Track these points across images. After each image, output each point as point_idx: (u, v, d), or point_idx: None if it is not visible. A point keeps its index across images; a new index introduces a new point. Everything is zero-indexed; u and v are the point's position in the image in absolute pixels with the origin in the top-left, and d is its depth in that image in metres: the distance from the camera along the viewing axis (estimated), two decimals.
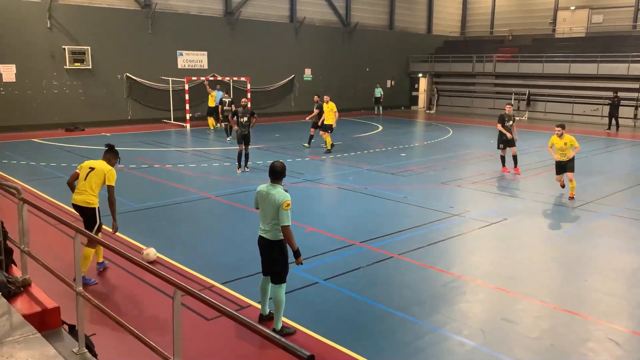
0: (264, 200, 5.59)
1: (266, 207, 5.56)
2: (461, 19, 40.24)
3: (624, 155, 19.02)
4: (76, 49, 22.21)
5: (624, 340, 5.73)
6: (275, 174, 5.63)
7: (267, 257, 5.71)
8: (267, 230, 5.60)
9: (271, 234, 5.58)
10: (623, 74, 27.17)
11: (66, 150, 17.18)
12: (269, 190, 5.56)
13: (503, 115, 14.42)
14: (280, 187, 5.58)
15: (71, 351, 3.94)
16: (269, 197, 5.51)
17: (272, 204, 5.47)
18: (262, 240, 5.69)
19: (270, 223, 5.54)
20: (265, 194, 5.58)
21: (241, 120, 13.89)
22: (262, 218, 5.65)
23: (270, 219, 5.52)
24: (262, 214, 5.66)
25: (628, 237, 9.36)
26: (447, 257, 8.22)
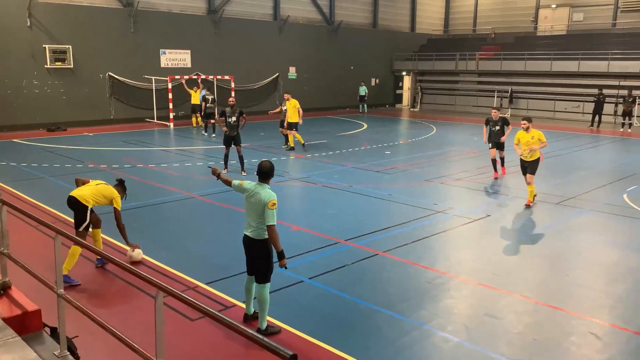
0: (249, 199, 5.56)
1: (252, 205, 5.53)
2: (444, 17, 40.47)
3: (605, 152, 19.29)
4: (57, 48, 21.93)
5: (604, 333, 5.82)
6: (262, 173, 5.60)
7: (252, 256, 5.69)
8: (251, 229, 5.58)
9: (256, 232, 5.56)
10: (604, 72, 27.54)
11: (48, 151, 16.97)
12: (256, 189, 5.54)
13: (488, 119, 13.91)
14: (268, 187, 5.56)
15: (53, 354, 3.90)
16: (255, 196, 5.49)
17: (257, 203, 5.45)
18: (246, 239, 5.67)
19: (256, 222, 5.52)
20: (252, 193, 5.55)
21: (229, 121, 13.26)
22: (247, 216, 5.63)
23: (256, 217, 5.50)
24: (247, 212, 5.64)
25: (608, 232, 9.50)
26: (431, 254, 8.27)
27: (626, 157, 17.92)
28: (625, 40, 29.06)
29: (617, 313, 6.33)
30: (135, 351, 3.29)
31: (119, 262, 3.53)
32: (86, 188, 7.20)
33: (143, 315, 5.98)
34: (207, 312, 2.82)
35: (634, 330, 5.85)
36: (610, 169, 15.40)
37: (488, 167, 15.29)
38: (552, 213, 10.68)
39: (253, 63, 28.40)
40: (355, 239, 8.74)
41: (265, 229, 5.49)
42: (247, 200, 5.60)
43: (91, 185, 7.30)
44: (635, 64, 26.47)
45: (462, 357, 5.31)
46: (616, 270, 7.71)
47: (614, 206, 11.07)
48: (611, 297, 6.76)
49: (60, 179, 12.85)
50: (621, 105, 25.49)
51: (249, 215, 5.59)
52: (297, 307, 6.32)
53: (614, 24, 31.73)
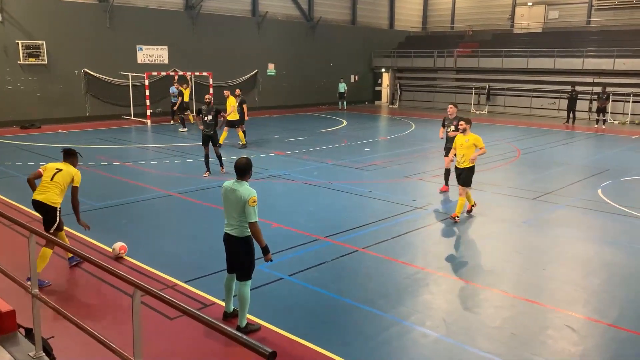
0: (228, 197, 5.51)
1: (231, 203, 5.48)
2: (422, 14, 40.70)
3: (580, 148, 19.63)
4: (30, 43, 21.48)
5: (580, 326, 5.92)
6: (239, 170, 5.55)
7: (233, 253, 5.64)
8: (232, 226, 5.52)
9: (237, 230, 5.51)
10: (578, 68, 28.00)
11: (21, 149, 16.63)
12: (235, 186, 5.48)
13: (445, 118, 12.05)
14: (247, 184, 5.51)
15: (28, 355, 3.83)
16: (234, 194, 5.43)
17: (237, 201, 5.40)
18: (227, 237, 5.61)
19: (236, 219, 5.47)
20: (230, 190, 5.50)
21: (205, 119, 12.86)
22: (227, 215, 5.57)
23: (236, 215, 5.45)
24: (226, 210, 5.58)
25: (584, 227, 9.68)
26: (410, 250, 8.32)
27: (600, 152, 18.27)
28: (600, 38, 29.59)
29: (593, 306, 6.45)
30: (113, 351, 3.24)
31: (95, 261, 3.47)
32: (48, 187, 6.75)
33: (120, 314, 5.91)
34: (186, 310, 2.79)
35: (609, 323, 5.96)
36: (585, 165, 15.68)
37: None
38: (529, 208, 10.83)
39: (231, 59, 28.21)
40: (335, 235, 8.75)
41: (246, 226, 5.45)
42: (226, 198, 5.54)
43: (50, 183, 6.76)
44: (609, 61, 26.97)
45: (441, 351, 5.35)
46: (591, 264, 7.86)
47: (588, 201, 11.28)
48: (586, 291, 6.89)
49: None
50: (595, 102, 25.96)
51: (229, 213, 5.53)
52: (276, 304, 6.31)
53: (589, 21, 32.29)
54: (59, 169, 6.86)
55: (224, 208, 5.61)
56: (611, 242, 8.75)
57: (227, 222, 5.58)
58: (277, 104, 30.75)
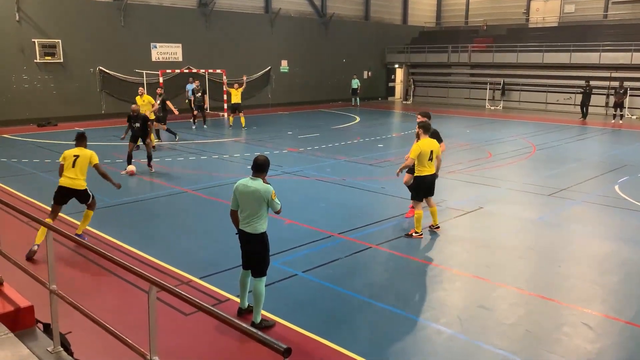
0: (244, 194, 5.50)
1: (247, 200, 5.48)
2: (436, 9, 40.43)
3: (596, 143, 19.39)
4: (46, 42, 21.72)
5: (596, 324, 5.86)
6: (258, 166, 5.58)
7: (249, 250, 5.66)
8: (248, 223, 5.53)
9: (251, 227, 5.52)
10: (595, 63, 27.63)
11: (38, 146, 16.85)
12: (250, 184, 5.50)
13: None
14: (261, 180, 5.54)
15: (46, 350, 3.89)
16: (251, 191, 5.44)
17: (255, 198, 5.43)
18: (243, 234, 5.62)
19: (253, 216, 5.49)
20: (246, 188, 5.51)
21: (133, 126, 13.32)
22: (243, 212, 5.57)
23: (253, 212, 5.48)
24: (242, 208, 5.57)
25: (600, 223, 9.56)
26: (424, 247, 8.30)
27: (617, 148, 18.03)
28: (617, 32, 29.16)
29: (609, 304, 6.38)
30: (129, 346, 3.28)
31: (111, 258, 3.51)
32: (73, 174, 7.68)
33: (137, 310, 5.97)
34: (201, 306, 2.81)
35: (626, 321, 5.90)
36: (602, 161, 15.48)
37: (481, 159, 15.34)
38: (544, 205, 10.73)
39: (245, 56, 28.27)
40: (348, 232, 8.74)
41: (263, 223, 5.53)
42: (242, 195, 5.54)
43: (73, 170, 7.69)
44: (626, 55, 26.57)
45: (455, 348, 5.33)
46: (608, 261, 7.77)
47: (605, 197, 11.14)
48: (603, 288, 6.81)
49: (52, 174, 12.76)
50: (612, 97, 25.61)
51: (245, 211, 5.54)
52: (291, 300, 6.33)
53: (605, 15, 31.82)
54: (76, 155, 7.77)
55: (240, 206, 5.60)
56: (629, 239, 8.63)
57: (242, 219, 5.58)
58: (290, 101, 30.76)
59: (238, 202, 5.59)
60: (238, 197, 5.58)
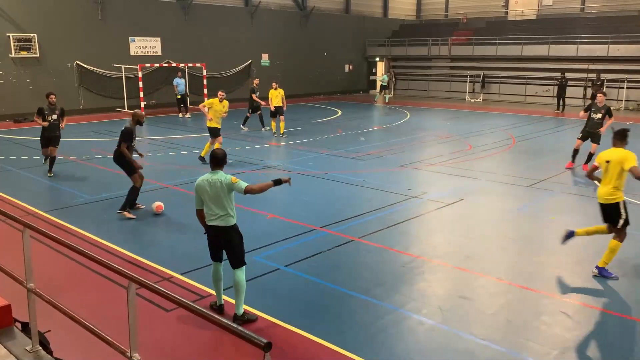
0: (208, 189, 5.52)
1: (213, 193, 5.51)
2: (416, 2, 40.53)
3: (575, 135, 19.59)
4: (22, 36, 21.31)
5: (574, 312, 5.97)
6: (218, 160, 5.66)
7: (227, 243, 5.65)
8: (218, 217, 5.54)
9: (224, 220, 5.54)
10: (572, 55, 27.98)
11: (14, 142, 16.55)
12: (213, 178, 5.55)
13: (591, 104, 10.72)
14: (222, 172, 5.62)
15: (24, 349, 3.84)
16: (214, 184, 5.51)
17: (219, 188, 5.49)
18: (216, 229, 5.60)
19: (222, 209, 5.52)
20: (208, 183, 5.54)
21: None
22: (210, 209, 5.56)
23: (220, 204, 5.51)
24: (208, 205, 5.56)
25: (578, 213, 9.72)
26: (406, 239, 8.35)
27: None
28: (593, 25, 29.56)
29: (587, 292, 6.50)
30: (109, 343, 3.26)
31: (90, 255, 3.47)
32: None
33: (117, 307, 5.91)
34: (180, 302, 2.79)
35: (603, 309, 6.01)
36: (580, 151, 15.67)
37: (461, 151, 15.47)
38: (524, 196, 10.86)
39: (225, 50, 28.06)
40: (331, 225, 8.76)
41: (232, 214, 5.58)
42: (205, 192, 5.54)
43: None
44: (603, 47, 26.95)
45: (436, 339, 5.39)
46: (585, 251, 7.90)
47: (584, 188, 11.31)
48: (581, 277, 6.93)
49: (28, 171, 12.56)
50: (590, 89, 25.96)
51: (212, 206, 5.53)
52: (272, 294, 6.33)
53: (583, 8, 32.22)
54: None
55: (206, 204, 5.58)
56: None
57: (210, 216, 5.57)
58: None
59: (202, 200, 5.62)
60: (203, 195, 5.58)
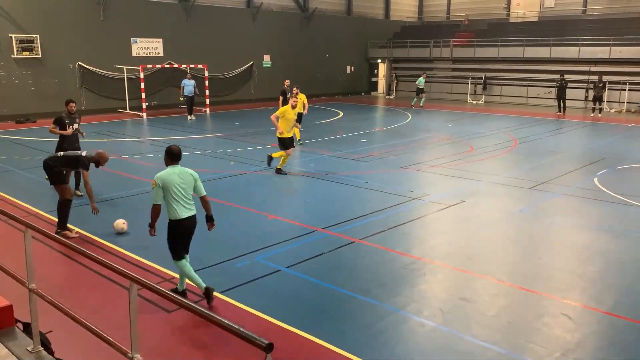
0: (179, 181, 5.85)
1: (186, 185, 5.90)
2: (418, 4, 40.54)
3: (576, 137, 19.65)
4: (24, 37, 21.35)
5: (576, 314, 5.96)
6: (178, 155, 5.99)
7: (191, 232, 6.09)
8: (191, 207, 5.97)
9: (193, 209, 5.99)
10: (574, 57, 27.97)
11: (17, 143, 16.58)
12: (178, 171, 5.91)
13: None
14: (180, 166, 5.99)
15: (26, 350, 3.84)
16: (185, 175, 5.91)
17: (190, 180, 5.93)
18: (192, 220, 5.99)
19: (191, 198, 5.96)
20: (178, 175, 5.88)
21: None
22: (182, 198, 5.87)
23: (188, 195, 5.93)
24: (180, 197, 5.86)
25: (579, 215, 9.71)
26: (407, 240, 8.35)
27: (596, 141, 18.29)
28: (595, 27, 29.53)
29: (589, 294, 6.49)
30: (110, 344, 3.26)
31: (92, 255, 3.48)
32: None
33: (118, 308, 5.92)
34: (182, 303, 2.80)
35: (605, 311, 6.00)
36: (582, 153, 15.70)
37: (463, 153, 15.50)
38: (525, 197, 10.85)
39: (227, 51, 28.09)
40: (332, 227, 8.76)
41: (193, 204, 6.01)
42: (177, 185, 5.84)
43: None
44: (605, 49, 26.93)
45: (437, 340, 5.38)
46: (587, 252, 7.90)
47: (585, 190, 11.31)
48: (582, 279, 6.92)
49: (30, 172, 12.58)
50: (592, 91, 25.95)
51: (184, 197, 5.89)
52: (274, 296, 6.32)
53: (585, 10, 32.20)
54: None
55: (177, 196, 5.85)
56: (607, 230, 8.78)
57: (183, 207, 5.90)
58: (273, 96, 30.45)
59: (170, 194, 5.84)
60: (171, 187, 5.83)
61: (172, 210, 5.87)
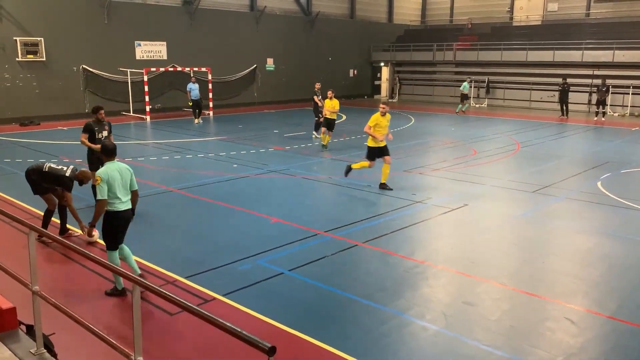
0: (120, 177, 6.16)
1: (125, 179, 6.24)
2: (421, 7, 40.58)
3: (579, 140, 19.62)
4: (28, 40, 21.45)
5: (579, 318, 5.94)
6: (114, 151, 6.33)
7: (128, 223, 6.37)
8: (127, 200, 6.27)
9: (129, 202, 6.31)
10: (577, 61, 27.94)
11: (21, 146, 16.64)
12: (117, 167, 6.21)
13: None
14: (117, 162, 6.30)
15: (29, 352, 3.85)
16: (123, 171, 6.24)
17: (128, 175, 6.27)
18: (128, 212, 6.29)
19: (128, 192, 6.28)
20: (119, 170, 6.19)
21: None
22: (121, 192, 6.15)
23: (127, 189, 6.26)
24: (120, 190, 6.13)
25: (582, 218, 9.69)
26: (409, 244, 8.34)
27: (600, 145, 18.26)
28: (599, 31, 29.51)
29: (592, 298, 6.47)
30: (113, 347, 3.27)
31: (95, 258, 3.49)
32: None
33: (121, 310, 5.93)
34: (185, 306, 2.81)
35: (608, 315, 5.99)
36: (585, 157, 15.67)
37: (466, 156, 15.48)
38: (528, 201, 10.84)
39: (230, 55, 28.16)
40: (335, 230, 8.76)
41: None
42: (119, 180, 6.13)
43: None
44: (608, 53, 26.91)
45: (440, 344, 5.38)
46: (590, 256, 7.88)
47: (588, 193, 11.28)
48: (585, 283, 6.91)
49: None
50: (595, 95, 25.93)
51: (123, 191, 6.20)
52: (276, 299, 6.33)
53: (588, 13, 32.18)
54: None
55: (118, 189, 6.12)
56: (610, 234, 8.76)
57: (120, 200, 6.17)
58: (276, 99, 30.71)
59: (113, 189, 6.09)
60: (114, 183, 6.08)
61: (111, 203, 6.15)
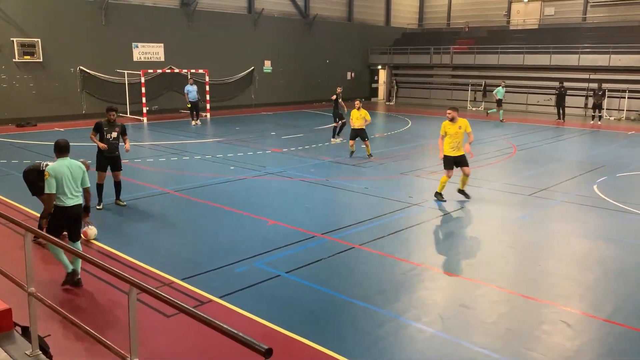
0: (69, 173, 6.30)
1: (75, 176, 6.38)
2: (419, 11, 40.66)
3: (576, 144, 19.68)
4: (26, 41, 21.40)
5: (575, 321, 5.95)
6: (66, 148, 6.48)
7: (77, 219, 6.53)
8: (78, 197, 6.43)
9: (80, 199, 6.48)
10: (574, 65, 28.04)
11: (17, 147, 16.59)
12: (70, 163, 6.39)
13: None
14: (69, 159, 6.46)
15: (24, 354, 3.84)
16: (74, 167, 6.39)
17: (79, 171, 6.43)
18: (76, 208, 6.42)
19: (79, 189, 6.45)
20: (69, 167, 6.34)
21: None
22: (70, 188, 6.31)
23: (77, 186, 6.40)
24: (68, 186, 6.29)
25: (579, 222, 9.71)
26: (406, 246, 8.35)
27: (596, 149, 18.32)
28: (595, 35, 29.63)
29: (588, 301, 6.49)
30: (109, 348, 3.26)
31: (91, 259, 3.48)
32: None
33: (117, 312, 5.91)
34: (182, 307, 2.80)
35: (604, 318, 6.00)
36: (581, 161, 15.72)
37: None
38: (524, 204, 10.85)
39: (228, 56, 28.15)
40: (332, 232, 8.76)
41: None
42: (67, 176, 6.29)
43: None
44: (604, 57, 27.01)
45: (437, 347, 5.38)
46: (587, 259, 7.90)
47: (584, 197, 11.31)
48: (582, 286, 6.92)
49: None
50: (591, 98, 26.01)
51: (72, 187, 6.35)
52: (273, 301, 6.32)
53: (584, 18, 32.31)
54: None
55: (66, 185, 6.28)
56: (607, 237, 8.78)
57: (69, 197, 6.32)
58: (273, 101, 30.70)
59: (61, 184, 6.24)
60: (62, 178, 6.23)
61: (58, 198, 6.29)
